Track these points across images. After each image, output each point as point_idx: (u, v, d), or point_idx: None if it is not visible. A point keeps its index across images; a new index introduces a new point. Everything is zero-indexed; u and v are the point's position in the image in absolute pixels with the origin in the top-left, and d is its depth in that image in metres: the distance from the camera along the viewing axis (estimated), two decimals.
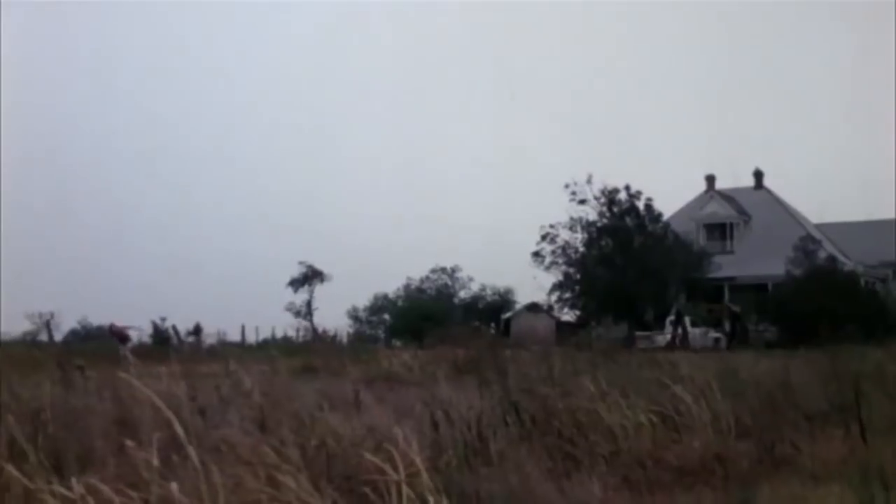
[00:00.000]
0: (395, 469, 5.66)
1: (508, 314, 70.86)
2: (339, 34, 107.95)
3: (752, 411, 11.28)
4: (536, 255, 53.99)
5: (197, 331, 39.22)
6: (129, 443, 4.97)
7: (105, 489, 4.30)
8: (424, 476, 5.86)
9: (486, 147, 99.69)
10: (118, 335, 33.44)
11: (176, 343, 34.71)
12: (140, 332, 35.50)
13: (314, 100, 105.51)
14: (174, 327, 37.40)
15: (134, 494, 4.44)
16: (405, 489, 5.22)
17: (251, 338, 46.42)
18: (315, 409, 8.67)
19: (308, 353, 27.47)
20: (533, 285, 56.14)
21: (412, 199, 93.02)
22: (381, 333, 70.62)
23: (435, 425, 8.64)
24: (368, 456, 6.02)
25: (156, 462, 4.52)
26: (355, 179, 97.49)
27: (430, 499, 5.54)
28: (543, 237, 53.59)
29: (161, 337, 35.28)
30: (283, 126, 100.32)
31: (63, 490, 4.40)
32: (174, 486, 4.27)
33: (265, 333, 53.60)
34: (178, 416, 6.99)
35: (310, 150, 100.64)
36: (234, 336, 43.08)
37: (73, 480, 4.38)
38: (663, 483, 8.34)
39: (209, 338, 39.06)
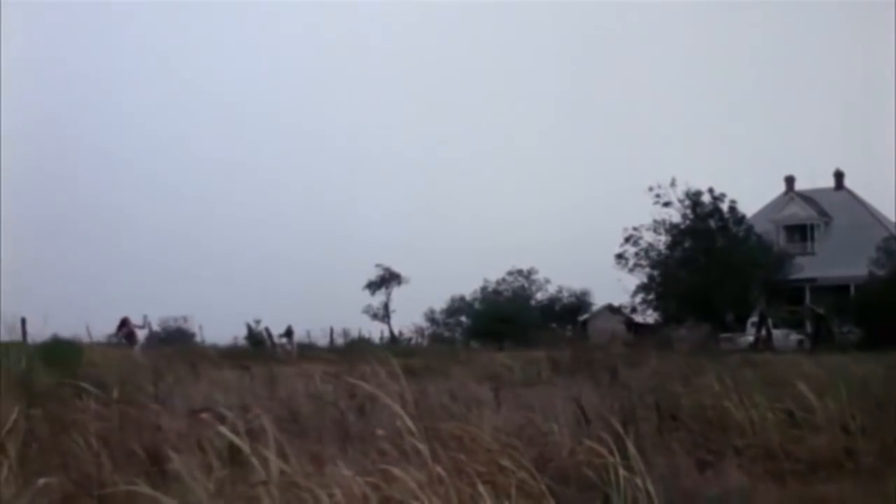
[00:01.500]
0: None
1: (585, 316, 70.94)
2: (413, 35, 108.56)
3: (871, 409, 11.48)
4: (620, 257, 54.06)
5: (289, 333, 39.83)
6: (379, 431, 5.43)
7: (348, 474, 4.68)
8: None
9: (562, 149, 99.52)
10: (127, 334, 32.68)
11: (269, 345, 35.38)
12: (147, 330, 35.02)
13: (386, 103, 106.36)
14: (267, 329, 38.10)
15: (362, 480, 4.82)
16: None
17: (325, 340, 46.84)
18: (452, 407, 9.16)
19: (403, 355, 27.95)
20: (616, 287, 56.08)
21: (489, 201, 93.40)
22: (457, 335, 70.94)
23: (587, 420, 9.05)
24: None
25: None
26: (431, 182, 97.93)
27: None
28: (627, 239, 53.70)
29: (255, 339, 35.97)
30: (358, 129, 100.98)
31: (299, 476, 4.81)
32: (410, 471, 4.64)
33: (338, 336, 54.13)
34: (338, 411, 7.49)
35: (385, 153, 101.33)
36: (316, 338, 43.52)
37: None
38: (799, 474, 8.66)
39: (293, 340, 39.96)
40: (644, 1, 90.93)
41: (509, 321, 61.78)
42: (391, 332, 65.68)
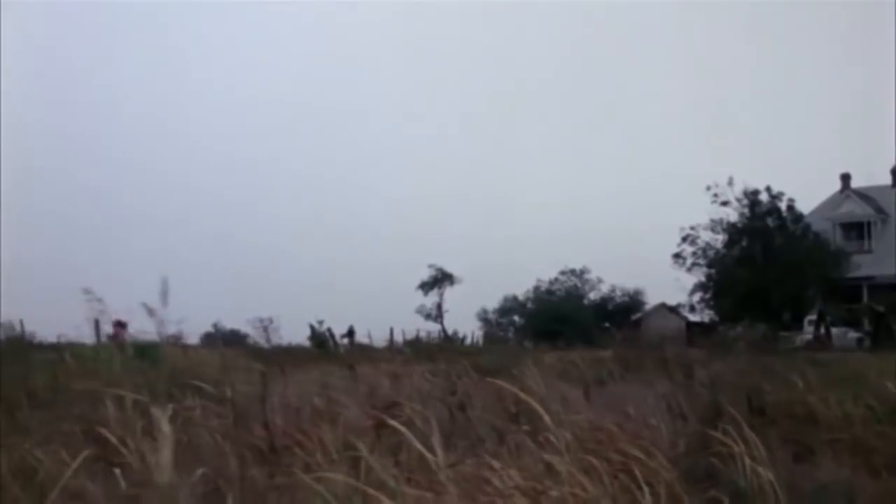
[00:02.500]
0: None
1: (638, 315, 70.90)
2: (465, 31, 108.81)
3: None
4: (677, 256, 53.99)
5: (350, 333, 40.32)
6: (525, 427, 5.74)
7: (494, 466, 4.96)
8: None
9: (615, 148, 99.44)
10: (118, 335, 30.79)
11: (332, 345, 35.77)
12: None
13: (437, 102, 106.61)
14: (329, 330, 38.55)
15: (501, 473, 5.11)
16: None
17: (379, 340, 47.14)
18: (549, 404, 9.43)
19: (468, 354, 28.26)
20: (671, 286, 56.00)
21: (542, 201, 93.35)
22: (510, 335, 71.13)
23: (683, 416, 9.32)
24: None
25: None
26: (484, 182, 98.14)
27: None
28: (684, 239, 53.62)
29: (319, 339, 36.39)
30: (411, 130, 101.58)
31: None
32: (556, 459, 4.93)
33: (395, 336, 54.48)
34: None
35: (438, 153, 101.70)
36: (374, 338, 43.86)
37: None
38: (891, 468, 8.82)
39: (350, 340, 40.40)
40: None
41: (563, 321, 61.98)
42: (444, 331, 65.89)
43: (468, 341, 58.83)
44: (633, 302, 73.46)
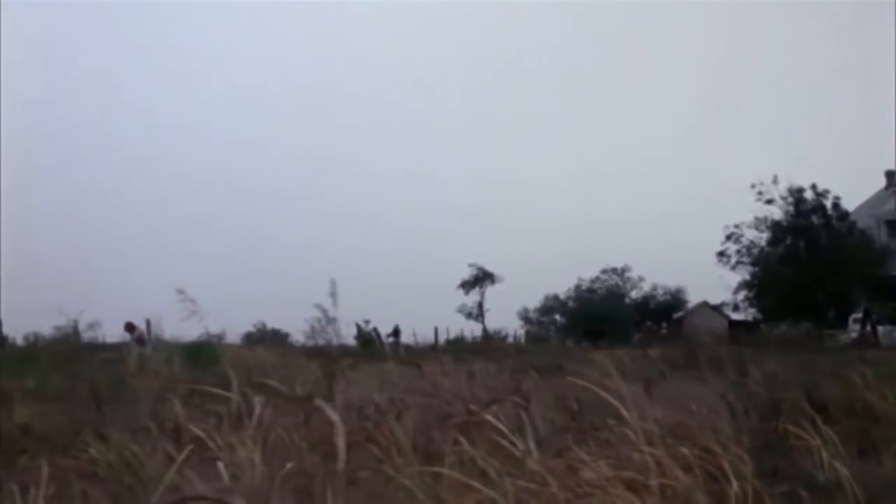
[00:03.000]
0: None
1: (680, 313, 70.78)
2: (508, 33, 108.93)
3: None
4: (721, 254, 53.68)
5: (396, 333, 40.53)
6: (610, 422, 5.89)
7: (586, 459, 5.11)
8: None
9: (657, 148, 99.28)
10: (138, 337, 29.19)
11: (378, 344, 35.90)
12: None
13: (479, 103, 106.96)
14: (376, 329, 38.70)
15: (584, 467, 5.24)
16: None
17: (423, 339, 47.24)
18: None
19: (515, 353, 28.42)
20: (714, 285, 55.69)
21: (582, 201, 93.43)
22: (551, 334, 71.25)
23: (743, 412, 9.42)
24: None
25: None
26: (525, 181, 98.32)
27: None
28: (728, 237, 53.28)
29: (365, 338, 36.54)
30: (453, 130, 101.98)
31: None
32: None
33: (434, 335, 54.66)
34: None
35: (480, 154, 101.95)
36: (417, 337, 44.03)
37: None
38: None
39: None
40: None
41: (604, 319, 62.05)
42: (485, 330, 66.00)
43: (510, 340, 59.07)
44: (675, 300, 73.36)
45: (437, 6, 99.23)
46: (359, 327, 40.39)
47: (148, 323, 27.82)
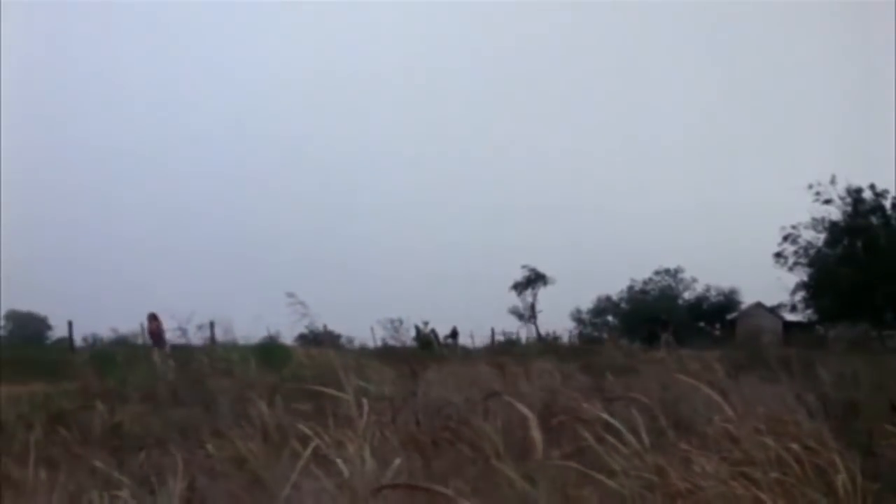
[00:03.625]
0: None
1: (734, 314, 70.27)
2: (559, 35, 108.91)
3: None
4: (778, 255, 53.25)
5: (454, 334, 40.81)
6: (714, 417, 6.07)
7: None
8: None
9: (711, 148, 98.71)
10: (153, 332, 26.83)
11: (436, 346, 36.23)
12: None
13: (531, 104, 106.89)
14: (434, 331, 39.07)
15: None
16: None
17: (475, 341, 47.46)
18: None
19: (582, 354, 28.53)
20: (769, 286, 55.27)
21: (635, 201, 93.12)
22: (604, 335, 71.10)
23: (822, 412, 9.52)
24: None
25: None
26: (577, 182, 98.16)
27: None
28: (785, 238, 52.85)
29: (425, 340, 36.90)
30: (505, 133, 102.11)
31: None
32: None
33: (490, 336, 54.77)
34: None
35: (531, 154, 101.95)
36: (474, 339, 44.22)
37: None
38: None
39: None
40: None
41: (657, 320, 61.81)
42: (538, 332, 66.09)
43: (563, 341, 59.10)
44: (728, 301, 72.77)
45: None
46: (418, 329, 40.77)
47: (212, 325, 27.57)
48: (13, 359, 20.91)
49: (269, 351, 17.21)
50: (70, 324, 32.61)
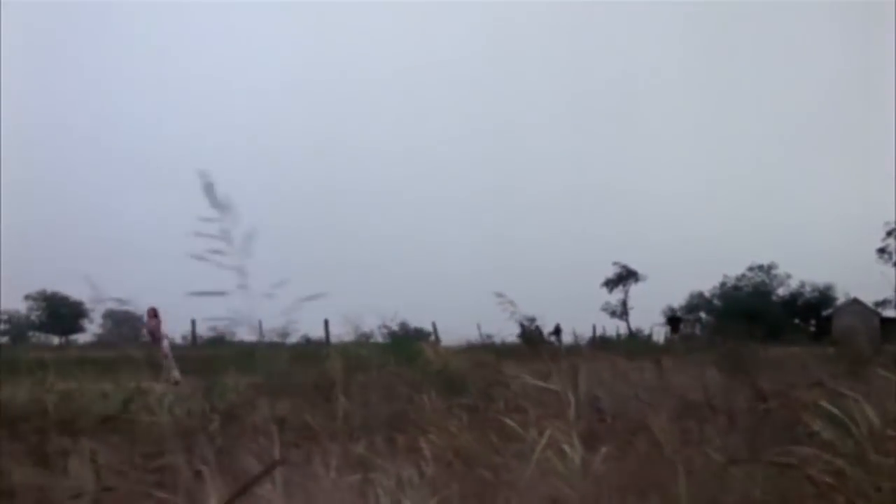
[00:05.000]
0: None
1: (829, 311, 69.43)
2: (660, 38, 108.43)
3: None
4: (882, 251, 52.67)
5: (557, 331, 40.85)
6: None
7: None
8: None
9: (806, 145, 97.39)
10: (152, 329, 25.63)
11: (542, 342, 36.27)
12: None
13: (625, 105, 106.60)
14: (538, 328, 39.15)
15: None
16: None
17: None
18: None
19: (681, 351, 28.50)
20: (869, 282, 54.70)
21: (728, 198, 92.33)
22: (697, 331, 70.69)
23: None
24: None
25: None
26: (671, 179, 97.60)
27: None
28: (889, 233, 52.27)
29: (529, 337, 36.98)
30: (599, 129, 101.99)
31: None
32: None
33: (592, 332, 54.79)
34: None
35: (623, 153, 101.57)
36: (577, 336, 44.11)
37: None
38: None
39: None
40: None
41: (752, 317, 61.31)
42: (629, 328, 66.01)
43: (655, 338, 58.96)
44: (823, 297, 71.92)
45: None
46: (522, 325, 41.01)
47: (326, 325, 27.26)
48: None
49: (400, 346, 17.65)
50: (193, 322, 33.57)
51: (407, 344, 17.82)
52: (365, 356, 17.45)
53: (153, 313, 25.43)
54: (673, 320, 40.18)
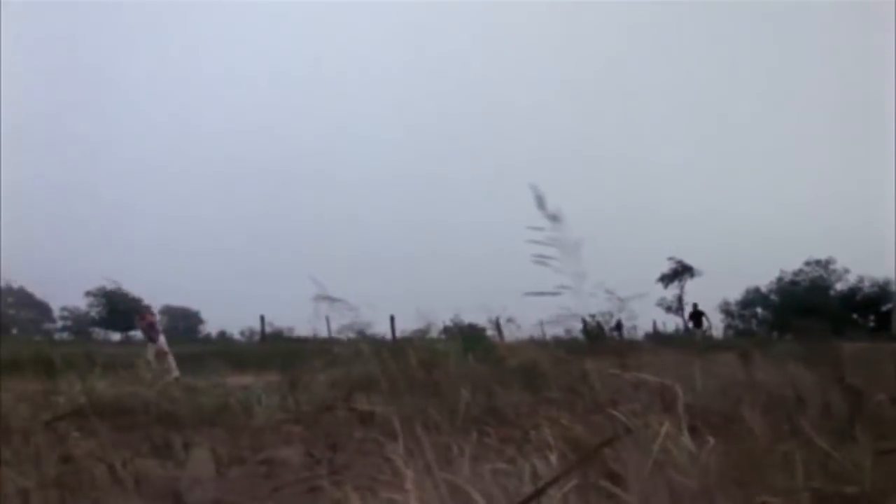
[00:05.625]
0: None
1: (888, 306, 68.67)
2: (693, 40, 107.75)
3: None
4: None
5: (619, 326, 40.98)
6: None
7: None
8: None
9: (862, 137, 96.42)
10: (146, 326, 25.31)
11: (604, 338, 36.35)
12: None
13: (688, 100, 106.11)
14: (599, 323, 39.38)
15: None
16: None
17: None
18: None
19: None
20: None
21: (781, 191, 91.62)
22: (753, 327, 70.39)
23: None
24: None
25: None
26: (723, 173, 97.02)
27: None
28: None
29: (593, 332, 37.08)
30: (648, 127, 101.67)
31: None
32: None
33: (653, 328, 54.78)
34: None
35: (677, 148, 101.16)
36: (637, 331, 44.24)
37: None
38: None
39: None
40: None
41: (809, 312, 60.83)
42: (685, 324, 65.69)
43: (711, 333, 58.76)
44: (882, 292, 71.08)
45: None
46: (584, 321, 41.05)
47: (392, 320, 27.69)
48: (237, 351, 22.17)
49: (474, 342, 17.84)
50: (262, 318, 34.32)
51: (477, 339, 17.96)
52: (442, 351, 17.67)
53: (145, 315, 25.67)
54: (695, 314, 39.61)
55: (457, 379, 13.11)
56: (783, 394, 9.31)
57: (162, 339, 24.44)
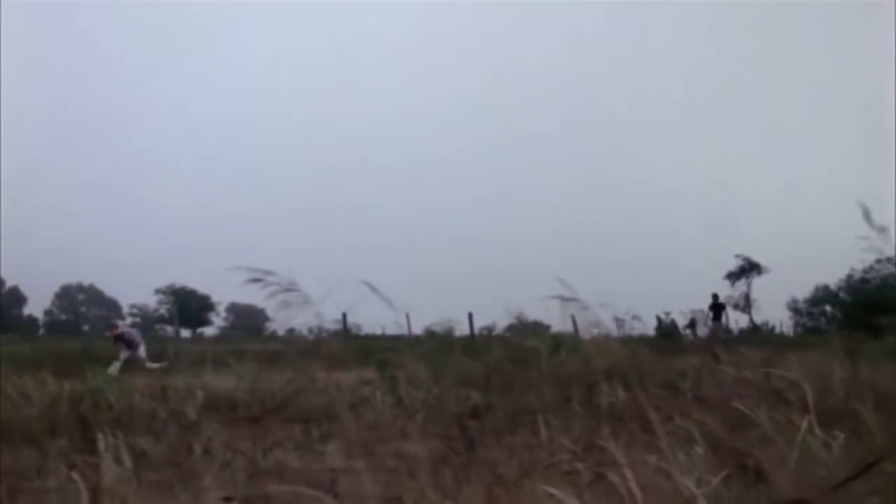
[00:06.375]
0: None
1: None
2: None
3: None
4: None
5: (692, 324, 40.64)
6: None
7: None
8: None
9: None
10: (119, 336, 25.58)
11: (679, 336, 36.18)
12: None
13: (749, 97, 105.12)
14: (674, 322, 39.10)
15: None
16: None
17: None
18: None
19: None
20: None
21: (856, 186, 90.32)
22: (822, 325, 69.39)
23: None
24: None
25: None
26: (793, 169, 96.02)
27: None
28: None
29: (666, 331, 36.84)
30: (712, 122, 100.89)
31: None
32: None
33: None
34: None
35: (744, 144, 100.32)
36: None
37: None
38: None
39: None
40: None
41: (882, 310, 59.85)
42: (752, 322, 65.07)
43: (778, 331, 58.18)
44: None
45: None
46: (659, 319, 40.85)
47: (470, 318, 27.42)
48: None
49: (559, 342, 17.86)
50: (344, 315, 34.52)
51: (563, 337, 18.00)
52: (533, 347, 17.65)
53: (114, 326, 26.81)
54: (715, 307, 36.93)
55: (560, 375, 13.15)
56: (888, 391, 9.22)
57: (142, 349, 24.89)
